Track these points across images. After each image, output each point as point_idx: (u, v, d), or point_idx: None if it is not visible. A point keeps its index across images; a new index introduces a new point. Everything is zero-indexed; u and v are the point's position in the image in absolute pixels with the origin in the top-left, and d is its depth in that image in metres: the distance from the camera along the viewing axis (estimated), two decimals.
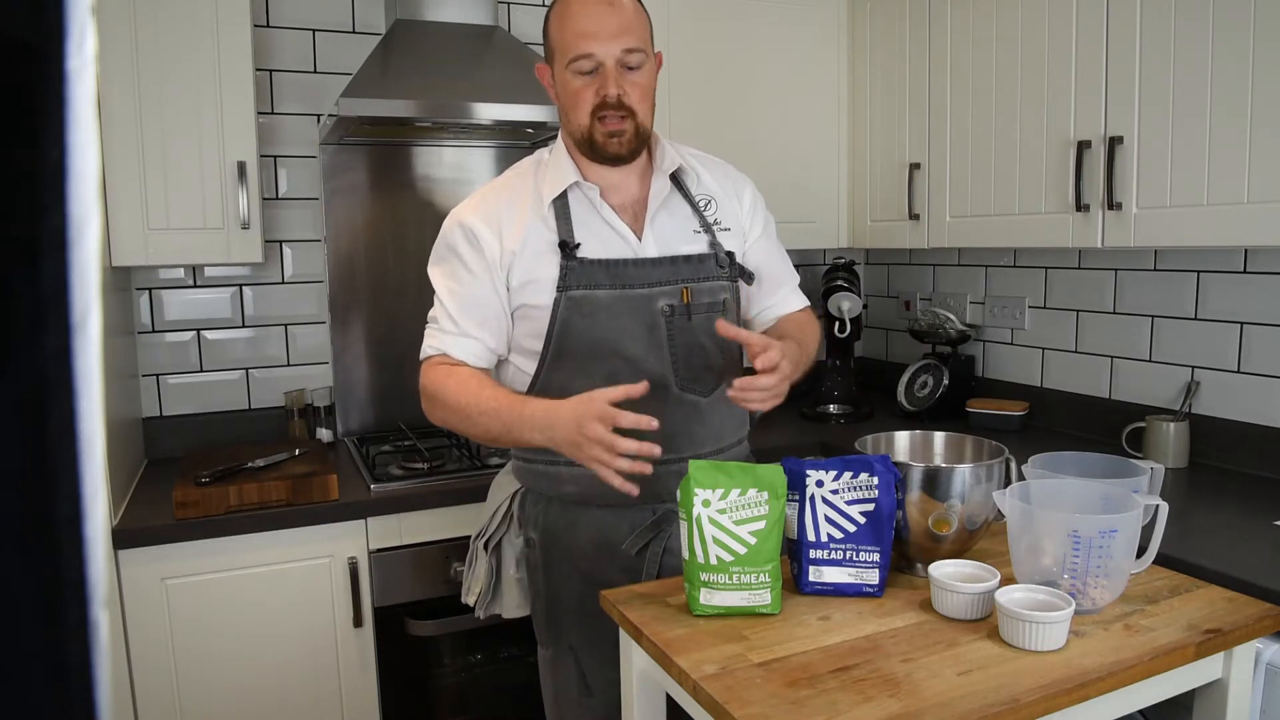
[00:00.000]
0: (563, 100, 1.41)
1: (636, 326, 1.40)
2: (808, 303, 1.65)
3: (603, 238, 1.41)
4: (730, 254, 1.48)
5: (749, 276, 1.51)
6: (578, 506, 1.45)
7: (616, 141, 1.38)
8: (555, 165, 1.44)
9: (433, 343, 1.44)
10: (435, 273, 1.46)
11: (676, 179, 1.49)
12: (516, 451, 1.53)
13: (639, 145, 1.42)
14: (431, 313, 1.46)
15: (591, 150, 1.40)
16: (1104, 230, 1.82)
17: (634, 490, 1.22)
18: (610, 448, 1.20)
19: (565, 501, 1.46)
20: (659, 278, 1.41)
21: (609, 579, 1.41)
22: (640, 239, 1.43)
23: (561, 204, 1.42)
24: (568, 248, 1.39)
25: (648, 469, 1.22)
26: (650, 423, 1.20)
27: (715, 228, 1.49)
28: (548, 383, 1.42)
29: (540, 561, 1.49)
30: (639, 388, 1.23)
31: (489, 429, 1.34)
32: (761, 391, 1.29)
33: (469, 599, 1.58)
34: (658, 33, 1.53)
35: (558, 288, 1.38)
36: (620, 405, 1.24)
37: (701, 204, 1.50)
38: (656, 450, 1.21)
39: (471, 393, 1.36)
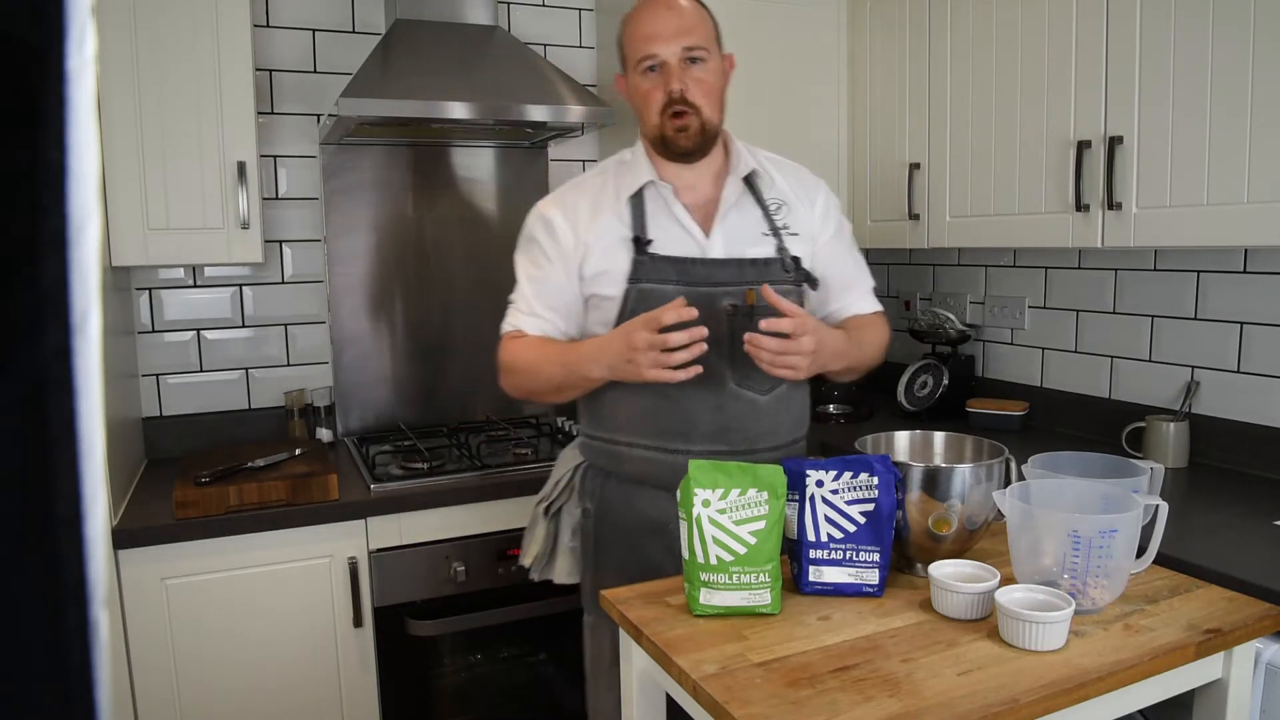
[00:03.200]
0: (635, 102, 1.52)
1: (698, 321, 1.44)
2: (880, 307, 1.69)
3: (673, 235, 1.50)
4: (796, 258, 1.54)
5: (814, 282, 1.56)
6: (634, 485, 1.53)
7: (684, 136, 1.47)
8: (634, 165, 1.54)
9: (511, 320, 1.57)
10: (518, 259, 1.59)
11: (750, 182, 1.56)
12: (583, 428, 1.62)
13: (705, 140, 1.50)
14: (512, 294, 1.58)
15: (664, 147, 1.50)
16: (1104, 230, 1.82)
17: (699, 369, 1.32)
18: (663, 344, 1.29)
19: (623, 479, 1.55)
20: (724, 277, 1.48)
21: (653, 558, 1.49)
22: (709, 238, 1.50)
23: (637, 201, 1.51)
24: (640, 243, 1.48)
25: (702, 348, 1.31)
26: (691, 313, 1.29)
27: (784, 232, 1.55)
28: None
29: (593, 532, 1.58)
30: (688, 310, 1.30)
31: (553, 376, 1.48)
32: (770, 352, 1.34)
33: (526, 560, 1.68)
34: None
35: (628, 279, 1.47)
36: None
37: (773, 208, 1.57)
38: (704, 331, 1.31)
39: (537, 349, 1.52)
